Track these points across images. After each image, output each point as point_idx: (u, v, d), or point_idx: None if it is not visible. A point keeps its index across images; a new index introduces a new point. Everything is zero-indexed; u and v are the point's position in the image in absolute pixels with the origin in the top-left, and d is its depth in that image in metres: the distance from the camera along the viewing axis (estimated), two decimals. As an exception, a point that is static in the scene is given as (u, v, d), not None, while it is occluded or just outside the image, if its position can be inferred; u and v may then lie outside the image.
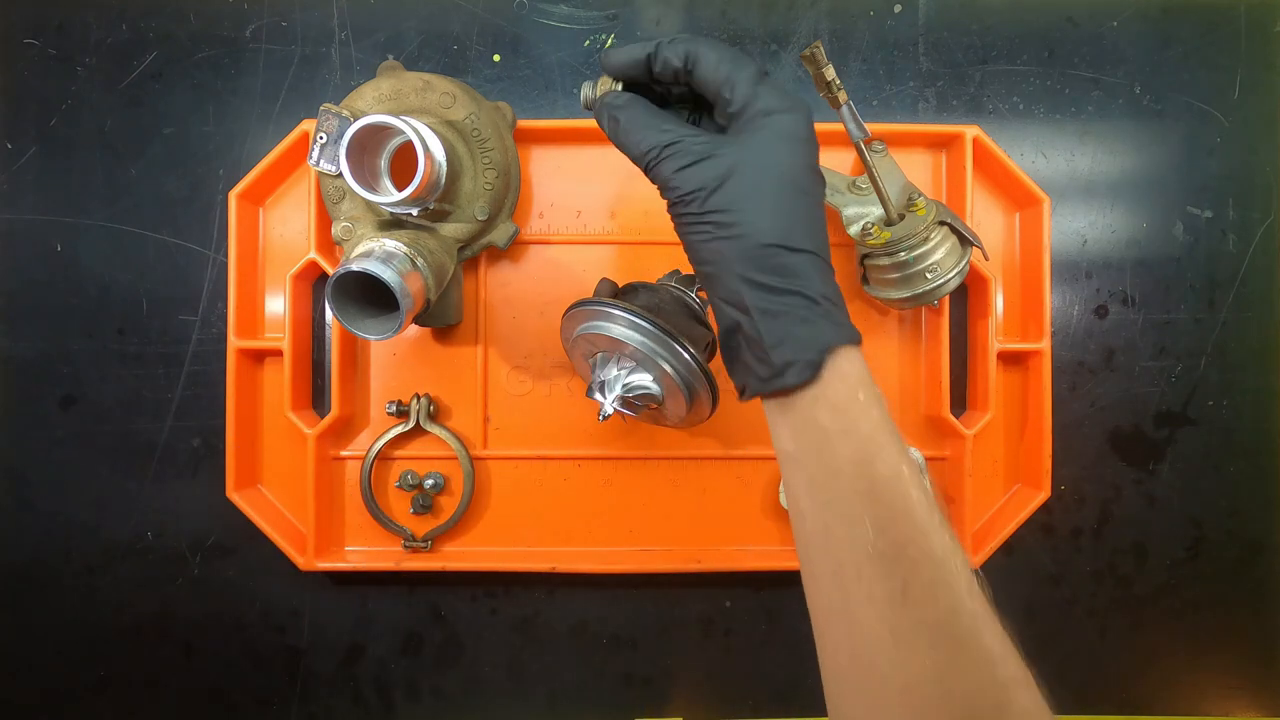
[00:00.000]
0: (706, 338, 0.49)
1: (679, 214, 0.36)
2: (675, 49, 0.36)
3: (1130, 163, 0.59)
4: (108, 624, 0.57)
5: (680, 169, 0.35)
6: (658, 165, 0.36)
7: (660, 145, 0.35)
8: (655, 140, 0.36)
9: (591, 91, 0.39)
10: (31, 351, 0.57)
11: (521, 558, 0.57)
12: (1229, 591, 0.60)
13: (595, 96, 0.39)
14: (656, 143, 0.35)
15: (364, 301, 0.44)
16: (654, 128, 0.36)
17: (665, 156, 0.35)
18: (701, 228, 0.35)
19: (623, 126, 0.37)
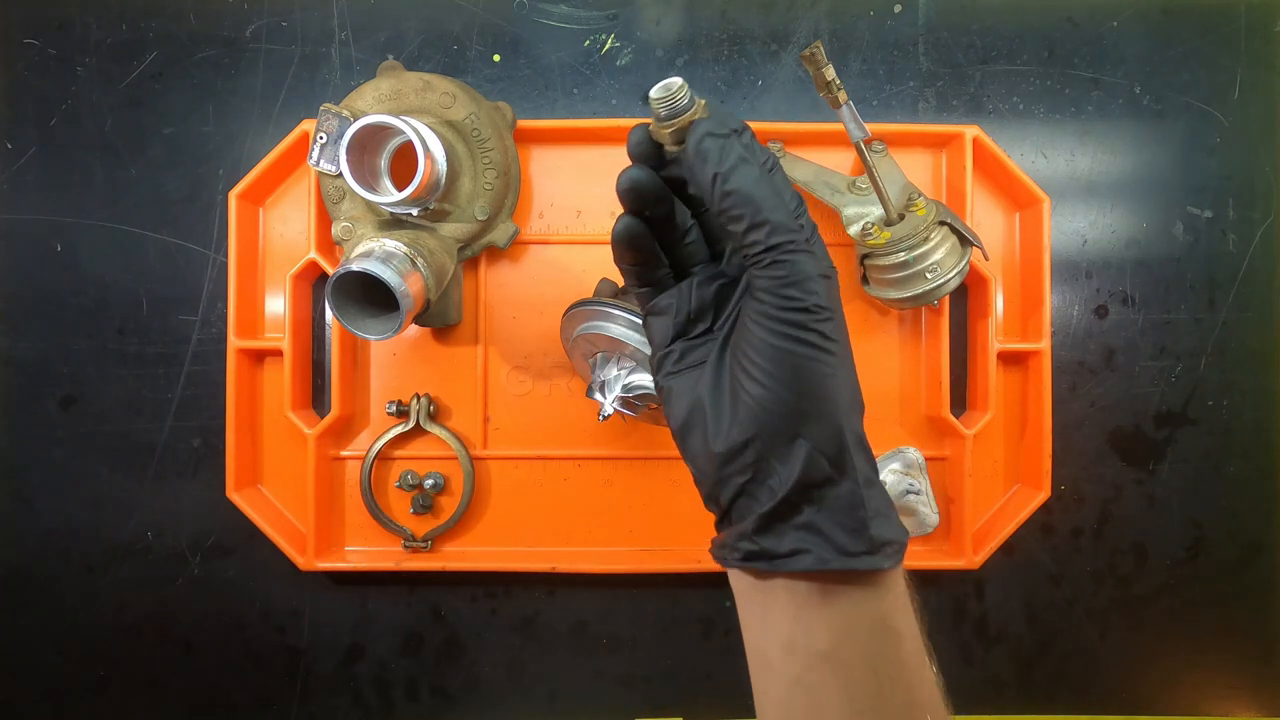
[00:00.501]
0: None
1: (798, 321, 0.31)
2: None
3: (1130, 163, 0.59)
4: (108, 624, 0.57)
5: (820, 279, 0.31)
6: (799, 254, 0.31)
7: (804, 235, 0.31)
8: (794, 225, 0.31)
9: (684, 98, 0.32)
10: (31, 351, 0.57)
11: (521, 558, 0.57)
12: (1229, 591, 0.60)
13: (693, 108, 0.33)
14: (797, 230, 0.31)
15: (364, 301, 0.44)
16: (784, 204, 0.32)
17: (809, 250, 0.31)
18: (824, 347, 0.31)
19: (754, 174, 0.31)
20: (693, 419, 0.34)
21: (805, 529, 0.31)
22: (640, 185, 0.34)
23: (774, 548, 0.32)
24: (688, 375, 0.35)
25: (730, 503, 0.33)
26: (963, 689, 0.59)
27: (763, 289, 0.31)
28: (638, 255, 0.36)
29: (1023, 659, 0.59)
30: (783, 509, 0.31)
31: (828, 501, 0.31)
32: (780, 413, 0.31)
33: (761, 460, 0.32)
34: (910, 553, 0.57)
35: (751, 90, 0.58)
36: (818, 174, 0.55)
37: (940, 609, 0.59)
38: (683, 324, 0.36)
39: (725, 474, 0.32)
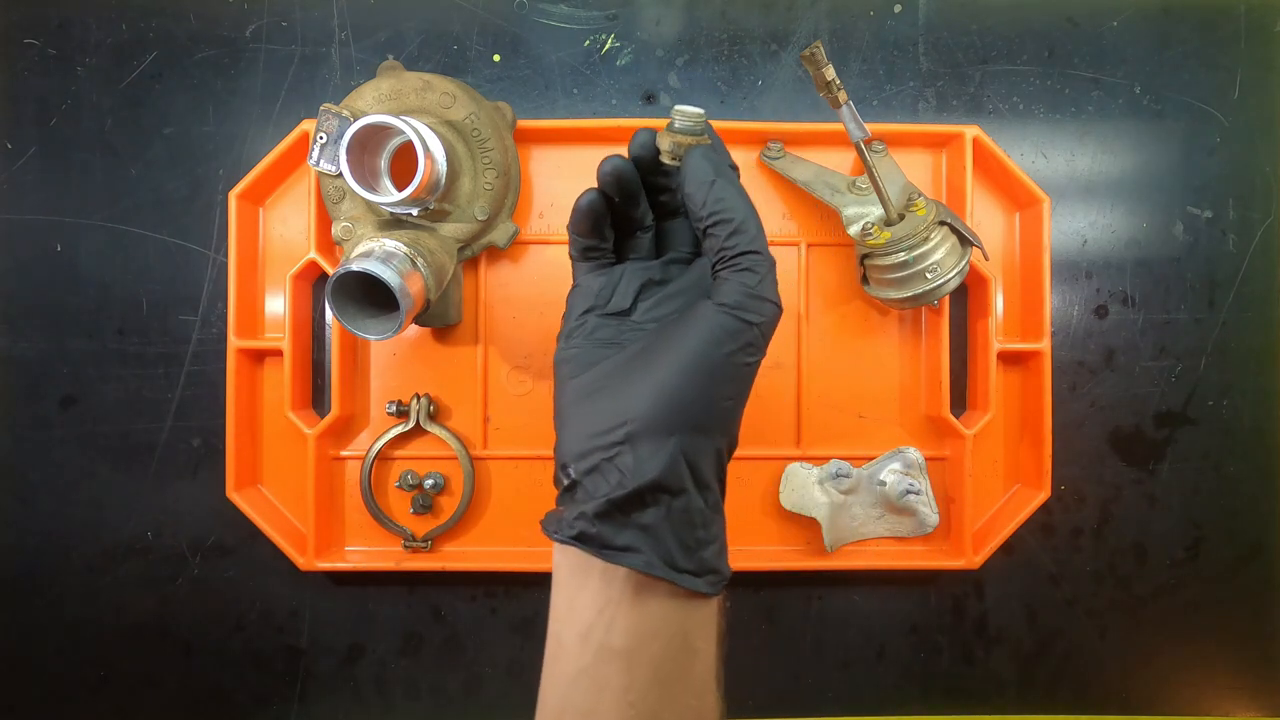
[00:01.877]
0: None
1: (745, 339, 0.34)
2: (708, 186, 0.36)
3: (1130, 163, 0.59)
4: (108, 624, 0.57)
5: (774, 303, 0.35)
6: (769, 271, 0.35)
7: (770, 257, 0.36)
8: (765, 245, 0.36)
9: (704, 125, 0.39)
10: (31, 351, 0.57)
11: (521, 558, 0.57)
12: (1229, 591, 0.60)
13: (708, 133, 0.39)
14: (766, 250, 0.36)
15: (364, 301, 0.44)
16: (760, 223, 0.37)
17: (772, 271, 0.35)
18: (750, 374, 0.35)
19: (740, 189, 0.37)
20: (587, 386, 0.35)
21: (644, 530, 0.32)
22: (621, 174, 0.38)
23: (610, 537, 0.33)
24: (596, 350, 0.37)
25: (583, 475, 0.34)
26: (963, 689, 0.59)
27: (727, 289, 0.34)
28: (593, 230, 0.39)
29: (1023, 659, 0.59)
30: (629, 501, 0.32)
31: (674, 511, 0.32)
32: (674, 404, 0.33)
33: (629, 444, 0.33)
34: (910, 553, 0.57)
35: (751, 90, 0.58)
36: (818, 174, 0.55)
37: (940, 609, 0.59)
38: (605, 301, 0.38)
39: (591, 445, 0.33)
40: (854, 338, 0.58)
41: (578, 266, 0.40)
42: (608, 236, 0.40)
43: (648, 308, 0.38)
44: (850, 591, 0.59)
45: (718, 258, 0.35)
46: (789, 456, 0.57)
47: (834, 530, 0.56)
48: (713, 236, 0.35)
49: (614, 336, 0.38)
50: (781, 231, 0.57)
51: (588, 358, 0.37)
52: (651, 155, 0.38)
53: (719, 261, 0.35)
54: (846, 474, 0.56)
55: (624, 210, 0.39)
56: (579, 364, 0.37)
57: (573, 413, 0.36)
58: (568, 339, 0.39)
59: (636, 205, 0.39)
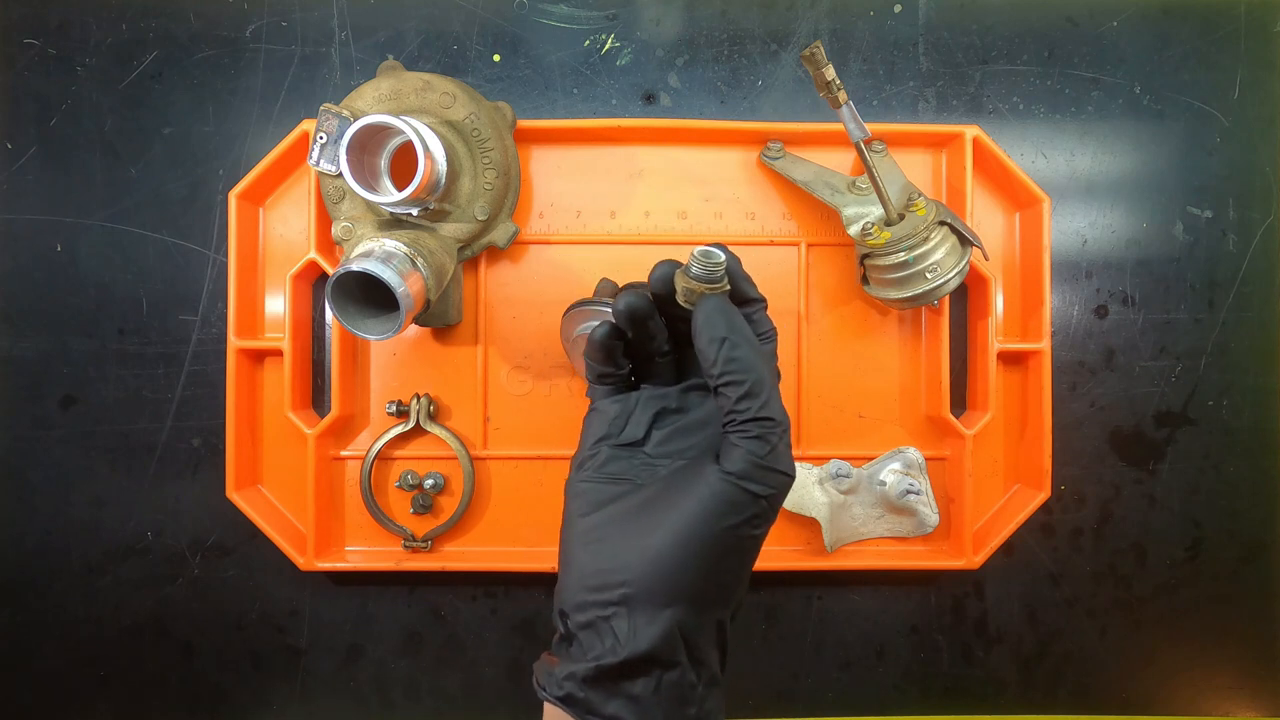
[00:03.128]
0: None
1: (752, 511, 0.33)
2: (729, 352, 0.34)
3: (1130, 163, 0.59)
4: (108, 624, 0.57)
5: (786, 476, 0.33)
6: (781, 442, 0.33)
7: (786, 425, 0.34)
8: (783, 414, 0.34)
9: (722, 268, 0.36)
10: (31, 351, 0.57)
11: (521, 558, 0.57)
12: (1229, 591, 0.60)
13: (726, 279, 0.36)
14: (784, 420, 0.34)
15: (364, 301, 0.44)
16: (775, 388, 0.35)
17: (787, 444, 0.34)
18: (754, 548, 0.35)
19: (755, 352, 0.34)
20: (591, 533, 0.34)
21: (633, 701, 0.31)
22: (636, 312, 0.36)
23: (597, 705, 0.31)
24: (605, 486, 0.36)
25: (579, 629, 0.33)
26: (963, 689, 0.59)
27: (735, 457, 0.32)
28: (607, 359, 0.38)
29: (1023, 659, 0.59)
30: (620, 670, 0.31)
31: (665, 685, 0.31)
32: (669, 576, 0.31)
33: (625, 606, 0.32)
34: (910, 553, 0.57)
35: (751, 90, 0.58)
36: (818, 174, 0.55)
37: (940, 609, 0.59)
38: (619, 430, 0.37)
39: (589, 599, 0.32)
40: (854, 338, 0.58)
41: (594, 390, 0.40)
42: (622, 365, 0.39)
43: (662, 439, 0.37)
44: (850, 591, 0.59)
45: (728, 419, 0.33)
46: (789, 456, 0.57)
47: (834, 530, 0.56)
48: (724, 396, 0.33)
49: (625, 471, 0.37)
50: (781, 231, 0.57)
51: (597, 495, 0.36)
52: (669, 291, 0.37)
53: (729, 423, 0.33)
54: (846, 474, 0.56)
55: (640, 340, 0.38)
56: (587, 502, 0.36)
57: (576, 558, 0.34)
58: (579, 469, 0.38)
59: (653, 338, 0.38)
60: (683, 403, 0.39)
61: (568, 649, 0.33)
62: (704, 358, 0.34)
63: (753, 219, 0.57)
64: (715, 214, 0.57)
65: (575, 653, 0.33)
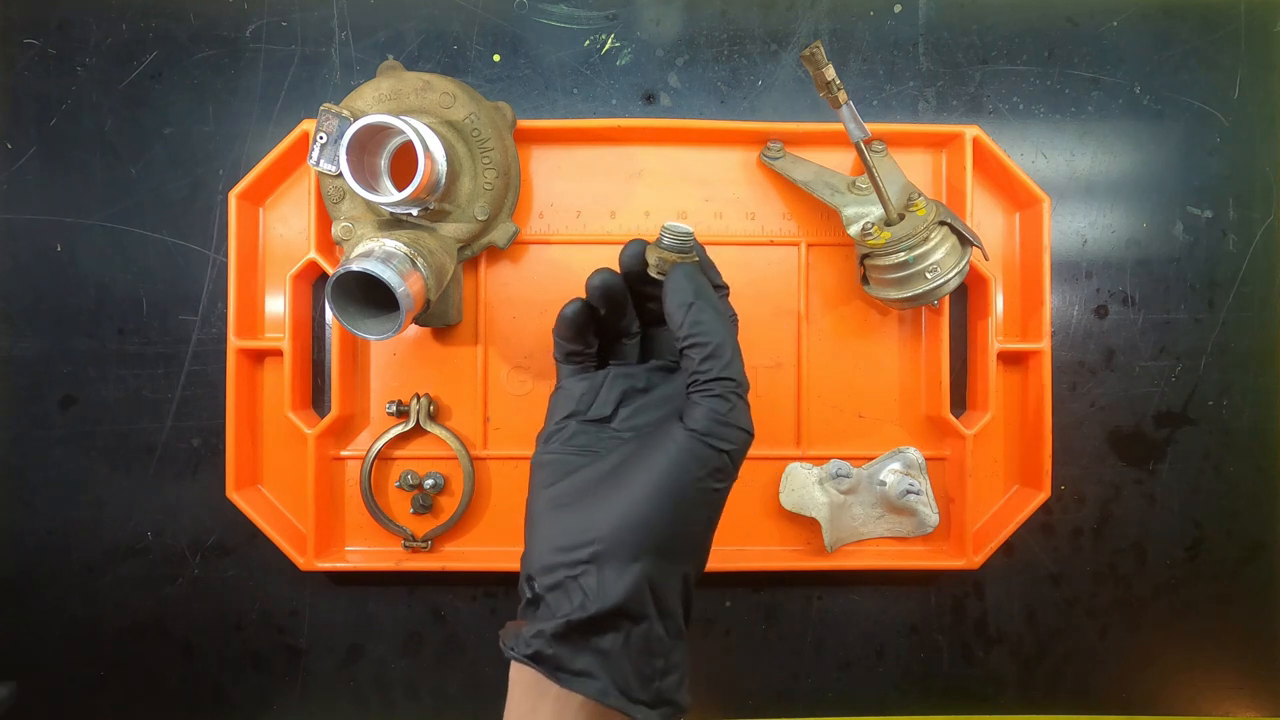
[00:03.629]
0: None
1: (715, 465, 0.34)
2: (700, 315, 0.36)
3: (1130, 163, 0.59)
4: (108, 624, 0.57)
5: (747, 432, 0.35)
6: (742, 401, 0.35)
7: (747, 387, 0.36)
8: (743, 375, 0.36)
9: (693, 241, 0.39)
10: (31, 351, 0.57)
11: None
12: (1229, 591, 0.60)
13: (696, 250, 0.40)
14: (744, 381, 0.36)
15: (364, 301, 0.44)
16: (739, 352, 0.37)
17: (746, 403, 0.35)
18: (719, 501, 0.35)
19: (719, 316, 0.36)
20: (559, 498, 0.36)
21: (602, 655, 0.32)
22: (609, 288, 0.38)
23: (566, 660, 0.32)
24: (572, 458, 0.37)
25: (546, 591, 0.33)
26: (963, 689, 0.59)
27: (698, 415, 0.34)
28: (577, 336, 0.39)
29: (1023, 659, 0.59)
30: (589, 625, 0.32)
31: (634, 638, 0.32)
32: (639, 529, 0.32)
33: (594, 564, 0.32)
34: (910, 553, 0.57)
35: (751, 90, 0.58)
36: (818, 174, 0.55)
37: (940, 609, 0.59)
38: (586, 406, 0.39)
39: (557, 561, 0.33)
40: (854, 338, 0.58)
41: (561, 369, 0.41)
42: (591, 343, 0.40)
43: (628, 415, 0.39)
44: (850, 591, 0.59)
45: (691, 380, 0.35)
46: (789, 456, 0.57)
47: (834, 530, 0.56)
48: (688, 358, 0.35)
49: (592, 444, 0.38)
50: (781, 231, 0.57)
51: (564, 465, 0.37)
52: (641, 267, 0.39)
53: (692, 384, 0.35)
54: (846, 474, 0.56)
55: (610, 319, 0.40)
56: (554, 471, 0.37)
57: (542, 524, 0.36)
58: (546, 442, 0.39)
59: (623, 315, 0.40)
60: (649, 381, 0.40)
61: (534, 611, 0.34)
62: (672, 321, 0.35)
63: (753, 219, 0.57)
64: (715, 214, 0.57)
65: (543, 613, 0.33)
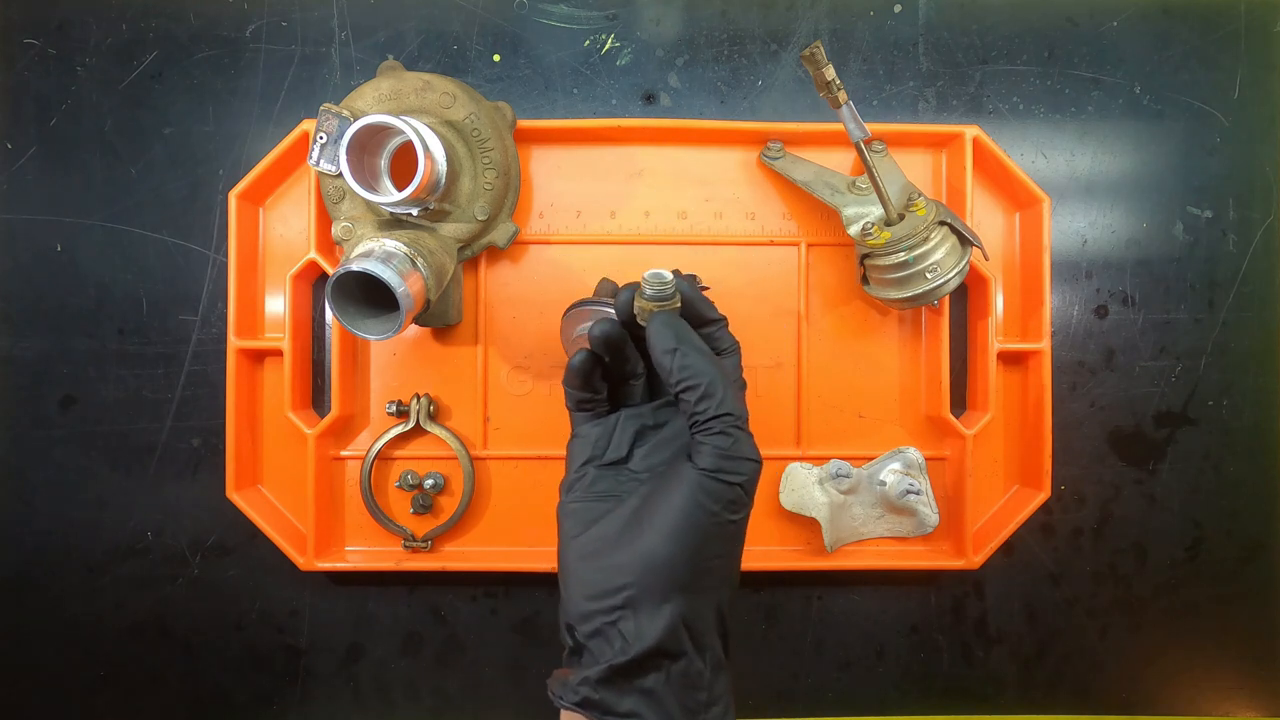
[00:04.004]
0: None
1: (729, 498, 0.35)
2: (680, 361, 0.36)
3: (1130, 163, 0.59)
4: (108, 624, 0.57)
5: (755, 462, 0.36)
6: (743, 434, 0.36)
7: (745, 418, 0.36)
8: (741, 409, 0.36)
9: (672, 289, 0.39)
10: (31, 351, 0.57)
11: (521, 558, 0.57)
12: (1229, 591, 0.60)
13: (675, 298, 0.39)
14: (742, 414, 0.36)
15: (364, 301, 0.44)
16: (731, 387, 0.37)
17: (748, 433, 0.36)
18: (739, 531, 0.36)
19: (706, 357, 0.37)
20: (587, 547, 0.36)
21: (646, 695, 0.33)
22: (610, 337, 0.39)
23: (613, 704, 0.33)
24: (594, 505, 0.38)
25: (587, 639, 0.34)
26: (963, 689, 0.59)
27: (704, 454, 0.34)
28: (585, 385, 0.40)
29: (1023, 659, 0.59)
30: (631, 667, 0.33)
31: (674, 675, 0.33)
32: (664, 570, 0.33)
33: (629, 609, 0.33)
34: (910, 553, 0.57)
35: (751, 90, 0.58)
36: (818, 174, 0.55)
37: (940, 609, 0.59)
38: (602, 451, 0.40)
39: (593, 609, 0.34)
40: (854, 338, 0.58)
41: (575, 417, 0.42)
42: (600, 389, 0.41)
43: (644, 454, 0.40)
44: (850, 591, 0.59)
45: (691, 421, 0.36)
46: (789, 456, 0.57)
47: (834, 530, 0.56)
48: (684, 401, 0.36)
49: (613, 488, 0.39)
50: (781, 231, 0.57)
51: (587, 514, 0.38)
52: (632, 314, 0.40)
53: (693, 425, 0.35)
54: (846, 474, 0.56)
55: (615, 364, 0.41)
56: (578, 520, 0.38)
57: (574, 574, 0.37)
58: (569, 491, 0.40)
59: (626, 359, 0.41)
60: (659, 418, 0.41)
61: (579, 659, 0.35)
62: (661, 369, 0.36)
63: (753, 219, 0.57)
64: (715, 214, 0.57)
65: (586, 660, 0.35)
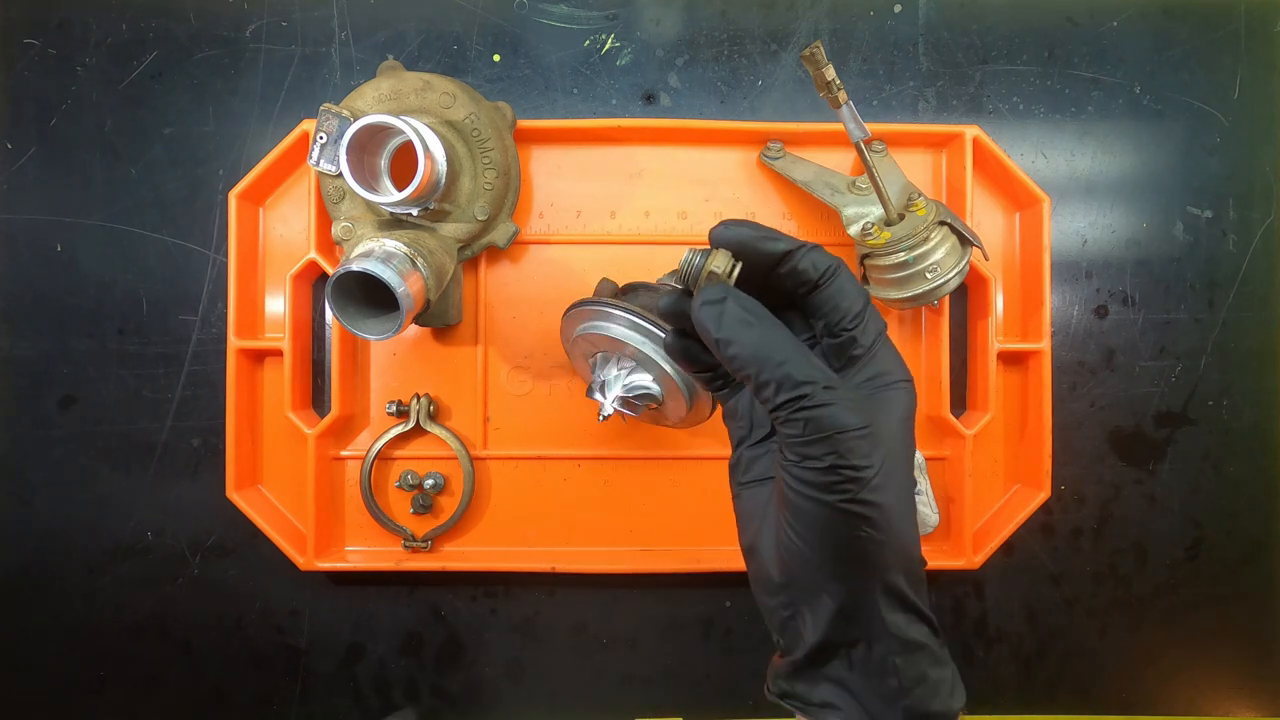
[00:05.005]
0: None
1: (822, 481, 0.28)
2: (818, 259, 0.30)
3: (1130, 163, 0.59)
4: (108, 624, 0.57)
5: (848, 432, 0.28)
6: (816, 409, 0.28)
7: (823, 384, 0.28)
8: (813, 374, 0.28)
9: (699, 261, 0.31)
10: (31, 351, 0.57)
11: (521, 558, 0.57)
12: (1229, 591, 0.60)
13: (704, 271, 0.31)
14: (817, 379, 0.28)
15: (364, 301, 0.44)
16: (800, 353, 0.29)
17: (829, 402, 0.28)
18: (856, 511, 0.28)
19: (756, 333, 0.29)
20: (753, 542, 0.33)
21: (838, 684, 0.30)
22: (678, 311, 0.33)
23: (806, 694, 0.31)
24: (755, 491, 0.34)
25: (778, 632, 0.32)
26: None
27: (786, 445, 0.29)
28: (692, 365, 0.35)
29: (1023, 659, 0.59)
30: (813, 658, 0.30)
31: (857, 663, 0.30)
32: (805, 568, 0.30)
33: (797, 604, 0.31)
34: (910, 553, 0.57)
35: (751, 90, 0.58)
36: (818, 174, 0.55)
37: (940, 609, 0.59)
38: (745, 430, 0.35)
39: (771, 604, 0.32)
40: (854, 338, 0.58)
41: (720, 396, 0.37)
42: (712, 360, 0.35)
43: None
44: (850, 591, 0.59)
45: (766, 408, 0.30)
46: (789, 456, 0.57)
47: (834, 530, 0.56)
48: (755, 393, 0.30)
49: (767, 471, 0.34)
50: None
51: (750, 503, 0.34)
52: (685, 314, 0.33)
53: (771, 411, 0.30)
54: (846, 474, 0.56)
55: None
56: (742, 513, 0.34)
57: (749, 568, 0.34)
58: (732, 477, 0.36)
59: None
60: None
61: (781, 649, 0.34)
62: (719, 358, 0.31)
63: (753, 219, 0.57)
64: (715, 214, 0.57)
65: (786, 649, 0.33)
